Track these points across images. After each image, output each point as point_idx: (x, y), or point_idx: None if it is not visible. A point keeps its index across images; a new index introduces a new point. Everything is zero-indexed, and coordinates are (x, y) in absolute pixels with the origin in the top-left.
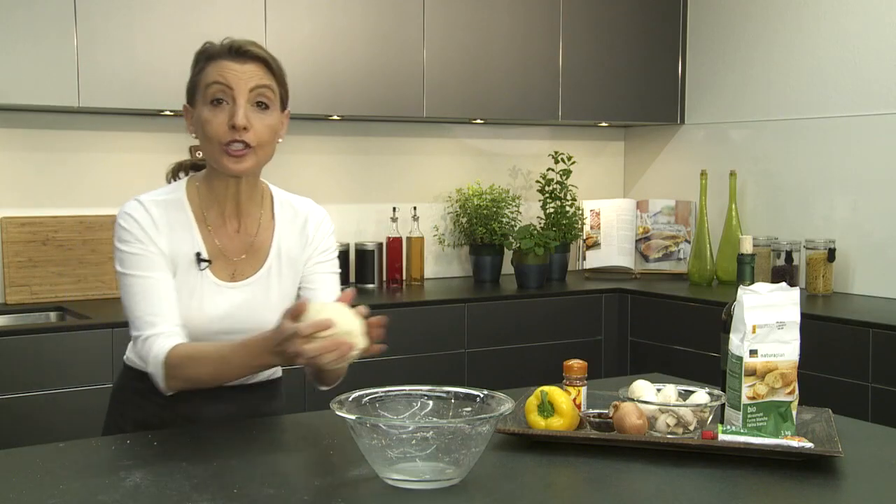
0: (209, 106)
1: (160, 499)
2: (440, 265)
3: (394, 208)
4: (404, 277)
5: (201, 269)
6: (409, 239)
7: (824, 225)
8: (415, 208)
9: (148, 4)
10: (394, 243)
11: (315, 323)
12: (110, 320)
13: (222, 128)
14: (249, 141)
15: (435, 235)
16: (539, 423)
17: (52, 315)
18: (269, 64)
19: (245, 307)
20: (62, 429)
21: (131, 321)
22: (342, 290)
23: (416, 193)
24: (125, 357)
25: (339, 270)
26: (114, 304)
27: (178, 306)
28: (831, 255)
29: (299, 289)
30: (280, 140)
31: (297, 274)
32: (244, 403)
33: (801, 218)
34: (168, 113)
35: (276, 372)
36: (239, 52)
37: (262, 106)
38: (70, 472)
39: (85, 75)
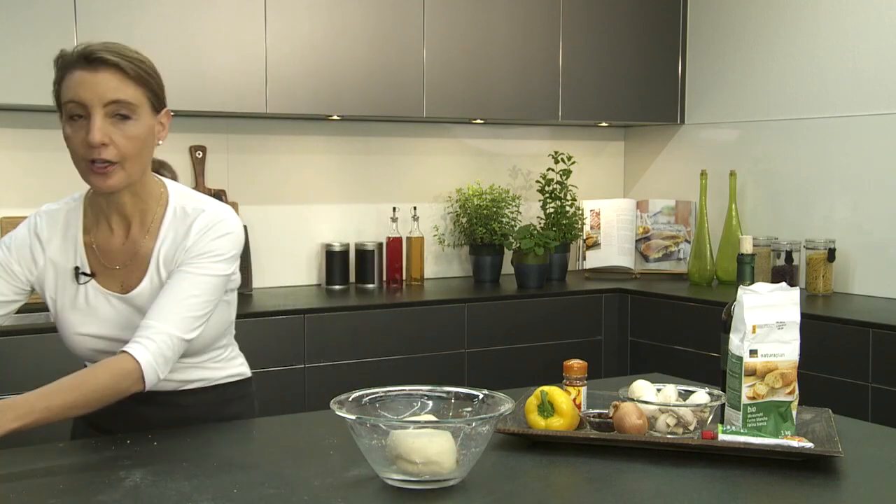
0: (69, 122)
1: (160, 499)
2: (440, 265)
3: (394, 208)
4: (404, 277)
5: (80, 283)
6: (409, 239)
7: (824, 225)
8: (415, 208)
9: (148, 4)
10: (394, 243)
11: None
12: None
13: (82, 144)
14: (111, 157)
15: (435, 235)
16: (539, 423)
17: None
18: (123, 69)
19: (135, 317)
20: (62, 429)
21: None
22: None
23: (416, 193)
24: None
25: (212, 275)
26: None
27: None
28: (831, 255)
29: None
30: (160, 143)
31: None
32: (199, 408)
33: (801, 218)
34: None
35: (245, 373)
36: (91, 59)
37: (122, 117)
38: (70, 472)
39: None
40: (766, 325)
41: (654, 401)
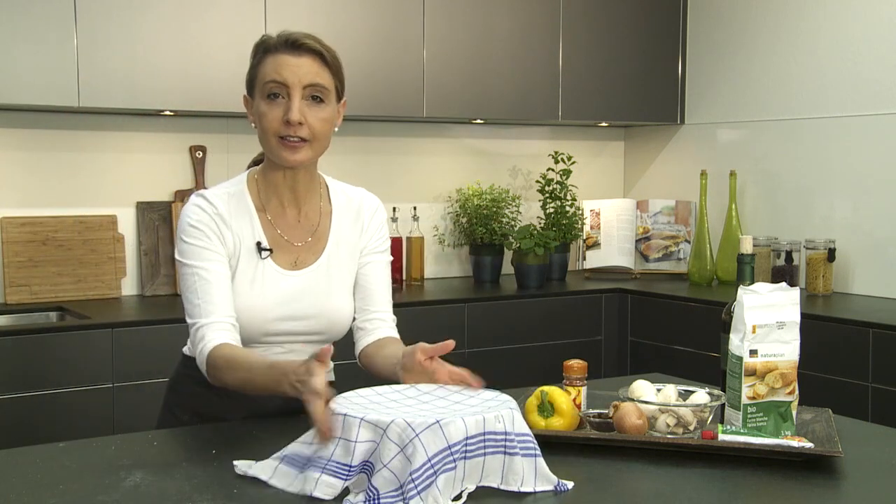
0: (266, 100)
1: (160, 499)
2: (440, 265)
3: (394, 208)
4: (404, 277)
5: (262, 259)
6: (409, 239)
7: (824, 225)
8: (415, 208)
9: (148, 4)
10: (394, 243)
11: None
12: (110, 320)
13: (277, 122)
14: (304, 135)
15: (435, 235)
16: (539, 423)
17: (52, 315)
18: (324, 56)
19: (307, 293)
20: (62, 429)
21: (187, 310)
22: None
23: (416, 193)
24: (184, 348)
25: (391, 258)
26: (114, 305)
27: (232, 299)
28: (831, 255)
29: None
30: (336, 129)
31: (354, 261)
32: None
33: (801, 218)
34: (168, 113)
35: (331, 375)
36: (295, 45)
37: (316, 100)
38: (70, 472)
39: (85, 75)
40: (766, 325)
41: (654, 401)
